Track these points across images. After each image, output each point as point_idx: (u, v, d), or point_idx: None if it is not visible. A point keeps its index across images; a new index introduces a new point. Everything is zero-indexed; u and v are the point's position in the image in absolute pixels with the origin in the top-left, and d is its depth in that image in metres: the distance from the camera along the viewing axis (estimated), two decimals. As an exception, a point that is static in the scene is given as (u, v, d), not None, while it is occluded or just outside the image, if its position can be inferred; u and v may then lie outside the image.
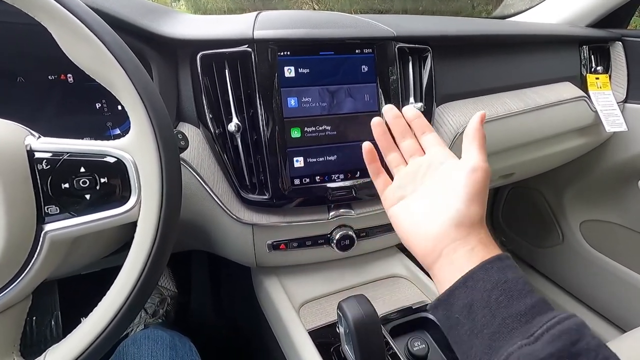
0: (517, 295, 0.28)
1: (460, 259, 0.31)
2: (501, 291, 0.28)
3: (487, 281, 0.29)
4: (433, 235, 0.33)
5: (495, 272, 0.29)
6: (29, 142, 0.31)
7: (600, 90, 0.84)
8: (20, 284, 0.31)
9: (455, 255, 0.32)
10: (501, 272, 0.29)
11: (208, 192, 0.53)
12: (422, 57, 0.61)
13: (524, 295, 0.28)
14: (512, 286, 0.29)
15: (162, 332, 0.51)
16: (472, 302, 0.29)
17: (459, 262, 0.31)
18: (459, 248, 0.32)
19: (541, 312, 0.27)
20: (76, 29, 0.30)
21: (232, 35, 0.51)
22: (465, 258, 0.31)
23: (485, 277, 0.29)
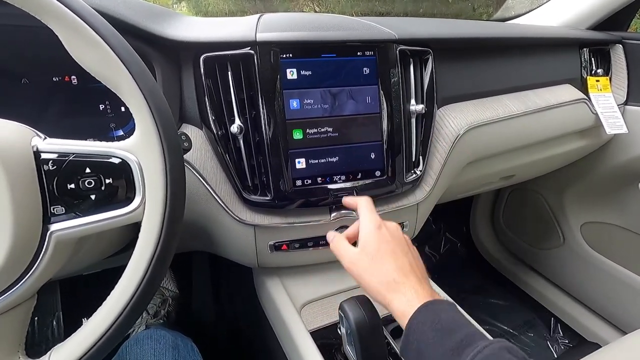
0: (448, 332, 0.33)
1: (397, 308, 0.38)
2: (435, 331, 0.33)
3: (424, 323, 0.35)
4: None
5: (430, 313, 0.35)
6: (36, 143, 0.32)
7: (600, 93, 0.84)
8: (26, 283, 0.31)
9: (392, 306, 0.39)
10: (434, 314, 0.35)
11: (210, 193, 0.53)
12: (424, 59, 0.61)
13: (455, 330, 0.33)
14: (444, 326, 0.34)
15: (165, 332, 0.52)
16: (419, 346, 0.34)
17: (398, 311, 0.38)
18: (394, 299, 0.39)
19: (469, 344, 0.32)
20: (84, 33, 0.31)
21: (234, 37, 0.51)
22: (402, 308, 0.37)
23: (423, 319, 0.35)
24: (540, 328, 1.15)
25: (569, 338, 1.11)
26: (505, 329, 1.13)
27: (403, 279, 0.39)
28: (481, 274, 1.36)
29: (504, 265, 1.33)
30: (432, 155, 0.63)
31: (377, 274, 0.40)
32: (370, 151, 0.57)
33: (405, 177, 0.59)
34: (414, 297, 0.37)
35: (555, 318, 1.16)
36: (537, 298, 1.22)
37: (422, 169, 0.61)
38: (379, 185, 0.57)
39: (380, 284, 0.39)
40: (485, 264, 1.39)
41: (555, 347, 1.09)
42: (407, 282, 0.38)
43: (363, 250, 0.42)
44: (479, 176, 0.81)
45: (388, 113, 0.56)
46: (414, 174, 0.60)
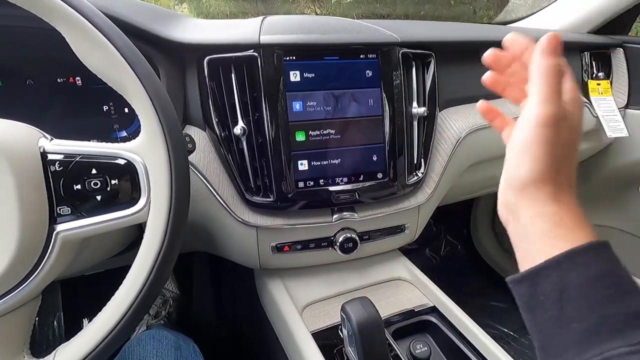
0: (626, 293, 0.23)
1: (535, 225, 0.26)
2: (607, 284, 0.24)
3: (590, 268, 0.24)
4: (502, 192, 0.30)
5: (602, 260, 0.24)
6: (42, 144, 0.32)
7: (601, 96, 0.84)
8: (32, 283, 0.32)
9: (524, 219, 0.27)
10: (608, 263, 0.24)
11: (213, 194, 0.53)
12: (426, 62, 0.62)
13: (635, 295, 0.23)
14: (620, 281, 0.24)
15: (167, 333, 0.52)
16: (566, 287, 0.24)
17: (534, 227, 0.26)
18: (523, 211, 0.28)
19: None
20: (90, 34, 0.31)
21: (238, 40, 0.52)
22: (546, 223, 0.26)
23: (590, 263, 0.24)
24: (541, 331, 1.14)
25: (569, 341, 1.11)
26: (506, 331, 1.13)
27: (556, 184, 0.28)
28: (482, 276, 1.36)
29: (505, 268, 1.33)
30: (434, 157, 0.63)
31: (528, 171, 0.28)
32: (372, 153, 0.57)
33: (407, 180, 0.59)
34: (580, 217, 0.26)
35: (555, 321, 1.16)
36: (538, 301, 1.22)
37: (423, 171, 0.61)
38: (381, 188, 0.58)
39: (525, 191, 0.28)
40: (485, 266, 1.39)
41: (556, 350, 1.09)
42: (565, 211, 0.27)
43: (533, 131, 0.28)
44: (481, 179, 0.81)
45: (390, 115, 0.57)
46: (415, 176, 0.61)
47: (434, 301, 0.61)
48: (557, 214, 0.26)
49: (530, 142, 0.28)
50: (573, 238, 0.25)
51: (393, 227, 0.64)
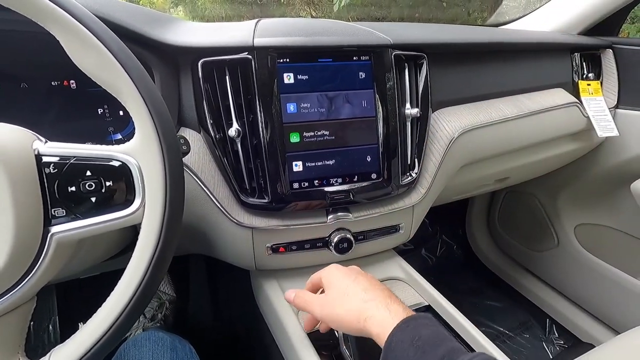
0: (428, 348, 0.32)
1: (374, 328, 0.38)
2: (415, 348, 0.33)
3: (404, 341, 0.34)
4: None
5: (410, 330, 0.34)
6: (37, 147, 0.32)
7: (592, 96, 0.86)
8: (26, 285, 0.32)
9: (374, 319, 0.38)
10: (414, 330, 0.34)
11: (208, 196, 0.54)
12: (418, 64, 0.62)
13: (435, 347, 0.32)
14: (424, 341, 0.33)
15: (163, 334, 0.52)
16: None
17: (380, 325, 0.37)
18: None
19: (451, 359, 0.31)
20: (84, 38, 0.31)
21: (232, 42, 0.52)
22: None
23: (403, 337, 0.34)
24: (536, 329, 1.15)
25: (564, 339, 1.12)
26: (501, 330, 1.14)
27: (372, 296, 0.40)
28: (477, 276, 1.37)
29: (500, 267, 1.34)
30: (427, 158, 0.64)
31: (347, 303, 0.40)
32: (366, 154, 0.58)
33: (400, 180, 0.60)
34: (387, 314, 0.37)
35: (550, 319, 1.17)
36: (533, 299, 1.23)
37: (417, 171, 0.62)
38: (375, 188, 0.58)
39: (351, 310, 0.40)
40: (481, 266, 1.40)
41: (551, 348, 1.10)
42: (376, 299, 0.39)
43: (328, 288, 0.44)
44: (474, 178, 0.82)
45: (383, 117, 0.57)
46: (409, 177, 0.61)
47: (429, 300, 0.62)
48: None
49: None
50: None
51: (388, 227, 0.65)
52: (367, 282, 0.42)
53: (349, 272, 0.45)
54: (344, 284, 0.43)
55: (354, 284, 0.42)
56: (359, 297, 0.40)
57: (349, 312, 0.40)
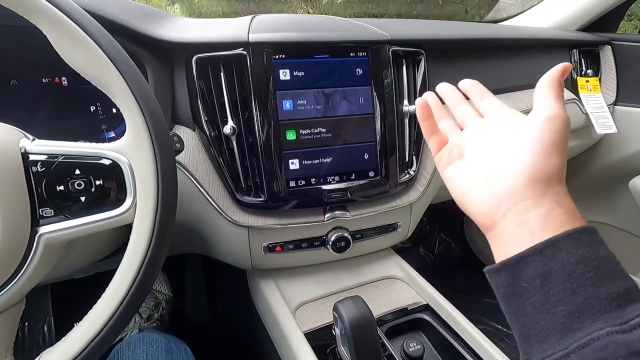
0: (608, 275, 0.24)
1: (534, 221, 0.26)
2: (590, 267, 0.24)
3: (572, 253, 0.24)
4: (498, 193, 0.28)
5: (584, 245, 0.25)
6: (24, 145, 0.31)
7: (590, 93, 0.85)
8: (14, 287, 0.31)
9: (527, 216, 0.27)
10: (590, 247, 0.25)
11: (203, 195, 0.53)
12: (416, 60, 0.62)
13: (617, 276, 0.24)
14: (603, 264, 0.24)
15: (158, 335, 0.51)
16: (549, 272, 0.24)
17: (531, 225, 0.26)
18: (532, 209, 0.27)
19: (638, 299, 0.23)
20: (72, 32, 0.31)
21: (227, 38, 0.51)
22: (540, 221, 0.26)
23: (571, 249, 0.25)
24: (534, 327, 1.15)
25: (562, 336, 1.12)
26: (500, 328, 1.13)
27: (561, 180, 0.28)
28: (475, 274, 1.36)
29: (498, 265, 1.34)
30: (426, 155, 0.63)
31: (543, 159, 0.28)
32: (363, 152, 0.57)
33: (398, 178, 0.59)
34: (571, 210, 0.27)
35: (548, 317, 1.17)
36: (531, 297, 1.23)
37: (415, 169, 0.61)
38: (373, 186, 0.58)
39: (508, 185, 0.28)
40: (479, 264, 1.39)
41: (549, 346, 1.10)
42: (562, 188, 0.28)
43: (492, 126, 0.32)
44: (472, 176, 0.81)
45: (381, 113, 0.57)
46: (407, 174, 0.61)
47: (427, 299, 0.61)
48: (571, 207, 0.27)
49: (556, 138, 0.28)
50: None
51: (385, 226, 0.64)
52: (555, 170, 0.28)
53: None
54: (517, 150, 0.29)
55: (538, 158, 0.27)
56: (519, 189, 0.28)
57: (490, 194, 0.29)
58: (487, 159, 0.31)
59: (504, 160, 0.29)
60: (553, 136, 0.28)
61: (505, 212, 0.28)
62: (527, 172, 0.28)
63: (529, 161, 0.28)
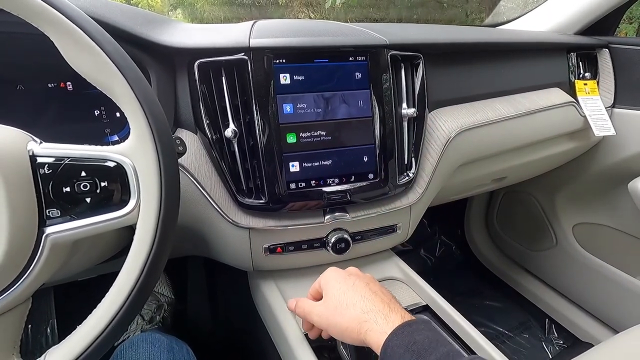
0: (424, 353, 0.33)
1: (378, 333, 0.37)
2: (411, 353, 0.33)
3: (399, 346, 0.34)
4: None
5: (405, 335, 0.35)
6: (31, 148, 0.32)
7: (588, 96, 0.86)
8: (21, 286, 0.32)
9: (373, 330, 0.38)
10: (410, 335, 0.35)
11: (205, 197, 0.54)
12: (414, 64, 0.63)
13: (430, 352, 0.33)
14: (419, 347, 0.33)
15: (160, 336, 0.52)
16: (393, 354, 0.34)
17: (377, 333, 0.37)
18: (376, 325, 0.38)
19: (458, 356, 0.32)
20: (78, 39, 0.32)
21: (228, 43, 0.52)
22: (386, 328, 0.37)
23: (398, 343, 0.35)
24: (535, 329, 1.15)
25: (563, 339, 1.12)
26: (501, 330, 1.14)
27: (370, 306, 0.39)
28: (476, 276, 1.37)
29: (499, 267, 1.34)
30: (424, 157, 0.64)
31: (346, 313, 0.40)
32: (363, 154, 0.58)
33: (398, 180, 0.60)
34: (384, 322, 0.37)
35: (549, 319, 1.17)
36: (532, 299, 1.23)
37: (414, 171, 0.62)
38: (372, 188, 0.58)
39: (351, 321, 0.39)
40: (479, 266, 1.40)
41: (550, 348, 1.10)
42: (375, 309, 0.39)
43: (327, 297, 0.43)
44: (471, 178, 0.82)
45: (380, 117, 0.57)
46: (406, 177, 0.61)
47: (427, 301, 0.62)
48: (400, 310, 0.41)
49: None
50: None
51: (385, 227, 0.65)
52: (365, 289, 0.41)
53: (346, 277, 0.44)
54: (342, 291, 0.42)
55: (352, 292, 0.41)
56: (357, 307, 0.40)
57: (348, 323, 0.39)
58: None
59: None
60: (335, 291, 0.43)
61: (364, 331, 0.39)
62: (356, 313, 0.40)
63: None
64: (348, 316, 0.40)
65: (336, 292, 0.42)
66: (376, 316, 0.38)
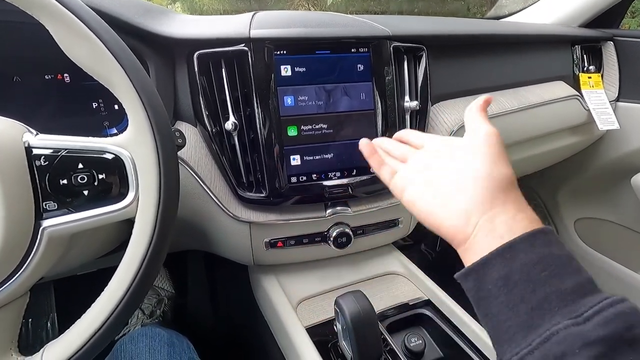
0: (563, 272, 0.26)
1: (501, 226, 0.28)
2: (545, 266, 0.26)
3: (529, 254, 0.26)
4: (465, 208, 0.30)
5: (539, 245, 0.27)
6: (27, 139, 0.31)
7: (592, 89, 0.85)
8: (18, 280, 0.31)
9: (495, 222, 0.29)
10: (545, 247, 0.27)
11: (205, 191, 0.53)
12: (417, 56, 0.62)
13: (570, 272, 0.26)
14: (557, 262, 0.26)
15: (160, 330, 0.51)
16: (510, 274, 0.26)
17: (499, 231, 0.28)
18: (498, 216, 0.29)
19: (590, 292, 0.25)
20: (74, 27, 0.31)
21: (228, 34, 0.51)
22: (507, 226, 0.28)
23: (528, 250, 0.27)
24: (536, 324, 1.15)
25: (564, 333, 1.12)
26: (501, 325, 1.13)
27: (511, 197, 0.30)
28: (477, 271, 1.37)
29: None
30: (427, 151, 0.63)
31: (475, 189, 0.30)
32: (365, 148, 0.57)
33: (400, 174, 0.59)
34: (531, 214, 0.29)
35: (550, 314, 1.17)
36: (533, 294, 1.22)
37: (416, 165, 0.61)
38: (374, 182, 0.58)
39: (475, 204, 0.30)
40: (481, 261, 1.39)
41: (551, 343, 1.10)
42: (512, 204, 0.30)
43: (443, 157, 0.34)
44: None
45: (382, 110, 0.57)
46: (408, 170, 0.60)
47: (428, 294, 0.62)
48: (530, 211, 0.30)
49: (498, 150, 0.32)
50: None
51: (387, 222, 0.64)
52: (509, 177, 0.31)
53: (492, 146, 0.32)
54: (499, 149, 0.32)
55: (493, 169, 0.30)
56: (483, 200, 0.29)
57: (458, 210, 0.30)
58: (442, 177, 0.33)
59: (461, 176, 0.32)
60: (495, 148, 0.32)
61: (475, 224, 0.29)
62: (486, 183, 0.30)
63: (485, 172, 0.30)
64: (475, 193, 0.30)
65: (469, 157, 0.32)
66: (507, 210, 0.29)
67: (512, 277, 0.26)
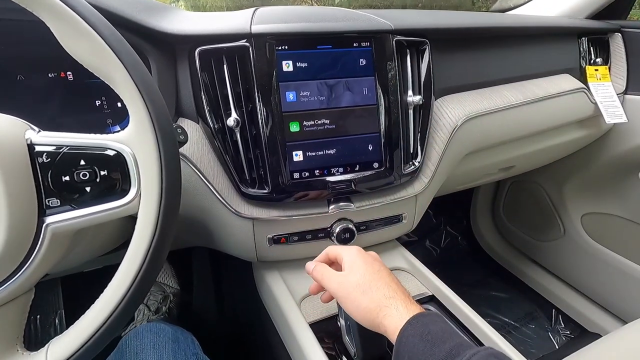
0: (437, 342, 0.34)
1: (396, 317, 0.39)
2: (425, 342, 0.34)
3: (414, 335, 0.35)
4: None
5: (421, 326, 0.36)
6: (29, 136, 0.32)
7: (599, 82, 0.84)
8: (22, 276, 0.31)
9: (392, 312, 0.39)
10: (425, 326, 0.36)
11: (208, 187, 0.53)
12: (420, 50, 0.61)
13: (443, 342, 0.34)
14: (433, 336, 0.35)
15: (165, 326, 0.52)
16: (410, 358, 0.35)
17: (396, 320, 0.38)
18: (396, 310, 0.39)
19: (458, 353, 0.33)
20: (75, 24, 0.31)
21: (229, 30, 0.51)
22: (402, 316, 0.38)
23: (413, 332, 0.36)
24: (542, 320, 1.15)
25: (570, 329, 1.11)
26: (507, 321, 1.13)
27: (394, 294, 0.40)
28: (482, 267, 1.36)
29: (505, 258, 1.33)
30: (430, 146, 0.63)
31: (368, 293, 0.40)
32: (367, 143, 0.57)
33: (403, 169, 0.59)
34: (405, 311, 0.38)
35: (556, 309, 1.16)
36: (539, 290, 1.22)
37: (420, 160, 0.61)
38: (377, 177, 0.57)
39: (371, 302, 0.40)
40: (486, 256, 1.39)
41: (557, 339, 1.09)
42: (397, 297, 0.40)
43: (351, 272, 0.43)
44: (478, 167, 0.81)
45: (385, 104, 0.56)
46: (412, 166, 0.60)
47: (433, 291, 0.61)
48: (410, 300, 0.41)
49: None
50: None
51: (390, 217, 0.64)
52: (389, 278, 0.43)
53: (372, 261, 0.45)
54: (368, 272, 0.42)
55: (378, 276, 0.42)
56: (380, 292, 0.40)
57: (368, 303, 0.40)
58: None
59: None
60: (360, 268, 0.43)
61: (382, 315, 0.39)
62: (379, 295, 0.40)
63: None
64: (370, 297, 0.40)
65: (362, 271, 0.43)
66: (397, 303, 0.39)
67: (409, 357, 0.35)
